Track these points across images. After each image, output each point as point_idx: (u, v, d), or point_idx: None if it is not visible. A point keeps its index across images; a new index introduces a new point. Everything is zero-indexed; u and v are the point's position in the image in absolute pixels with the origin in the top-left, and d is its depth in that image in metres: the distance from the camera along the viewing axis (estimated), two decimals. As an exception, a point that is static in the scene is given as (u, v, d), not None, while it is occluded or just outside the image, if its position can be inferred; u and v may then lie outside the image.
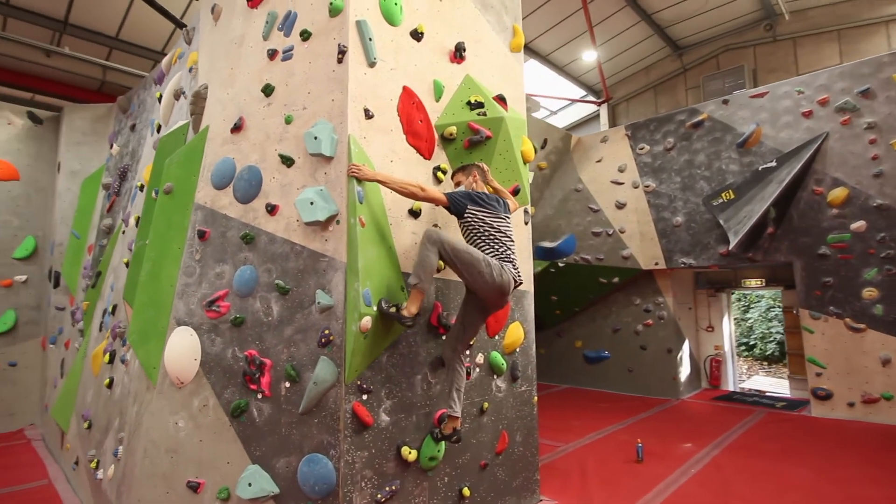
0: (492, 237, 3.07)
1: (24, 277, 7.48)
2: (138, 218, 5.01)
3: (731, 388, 9.24)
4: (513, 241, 3.19)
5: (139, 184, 5.35)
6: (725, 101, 7.66)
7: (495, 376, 3.91)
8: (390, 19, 3.41)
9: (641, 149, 8.53)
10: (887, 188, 6.33)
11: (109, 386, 4.38)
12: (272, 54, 3.54)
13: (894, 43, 8.17)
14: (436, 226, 3.52)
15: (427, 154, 3.58)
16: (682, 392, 8.56)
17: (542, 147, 8.86)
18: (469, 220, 3.10)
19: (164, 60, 5.71)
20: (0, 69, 7.99)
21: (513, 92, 4.39)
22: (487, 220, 3.09)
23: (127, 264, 4.97)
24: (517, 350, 4.14)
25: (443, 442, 3.27)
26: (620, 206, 8.68)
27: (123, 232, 5.62)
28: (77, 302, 6.74)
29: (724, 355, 9.32)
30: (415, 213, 3.42)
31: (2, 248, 7.33)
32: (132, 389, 3.88)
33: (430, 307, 3.45)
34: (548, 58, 10.19)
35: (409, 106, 3.47)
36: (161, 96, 5.58)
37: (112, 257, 5.78)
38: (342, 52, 3.16)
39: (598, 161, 9.01)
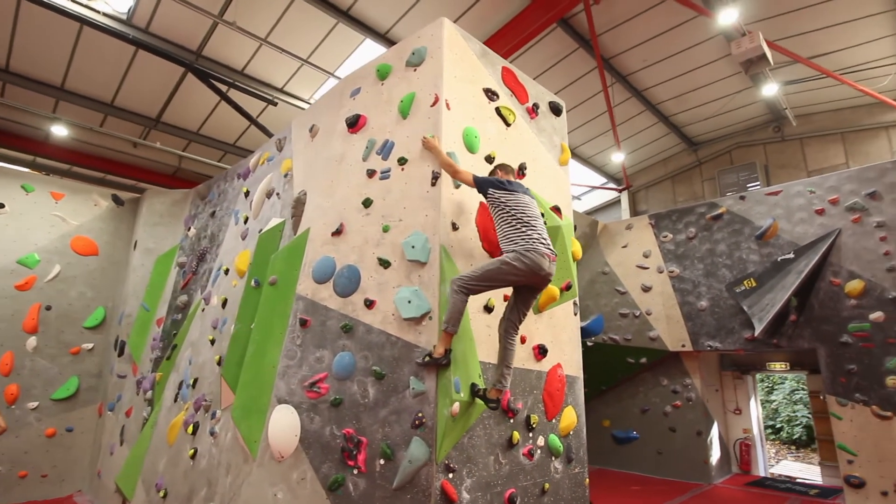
0: (515, 218, 3.44)
1: (90, 345, 8.02)
2: (225, 299, 5.64)
3: (761, 472, 9.23)
4: (537, 218, 3.49)
5: (224, 268, 6.02)
6: (742, 197, 8.37)
7: (553, 458, 4.27)
8: (471, 148, 4.16)
9: (665, 237, 9.17)
10: (901, 282, 6.81)
11: (193, 457, 4.78)
12: (371, 173, 4.28)
13: None
14: (502, 318, 4.02)
15: (498, 258, 4.19)
16: (713, 477, 8.60)
17: (571, 233, 9.55)
18: (492, 200, 3.55)
19: (252, 160, 6.57)
20: (93, 157, 9.07)
21: (561, 199, 5.08)
22: (509, 202, 3.48)
23: (212, 341, 5.52)
24: (571, 433, 4.52)
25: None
26: (646, 289, 9.19)
27: (203, 310, 6.22)
28: (142, 371, 7.23)
29: (753, 439, 9.39)
30: (488, 309, 3.98)
31: (75, 318, 7.95)
32: (224, 461, 4.29)
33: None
34: (575, 151, 11.18)
35: (485, 218, 4.13)
36: (248, 191, 6.39)
37: (189, 332, 6.35)
38: (436, 178, 3.87)
39: (624, 246, 9.64)
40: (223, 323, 5.47)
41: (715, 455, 8.85)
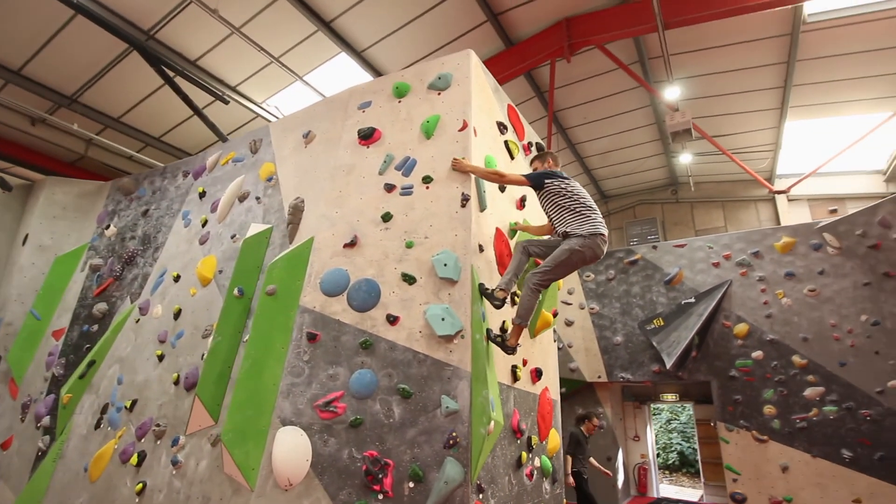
0: (577, 203, 3.78)
1: (-55, 360, 6.42)
2: (179, 309, 5.00)
3: (655, 494, 10.28)
4: (588, 198, 3.83)
5: (174, 274, 5.34)
6: (655, 247, 9.60)
7: (545, 479, 4.43)
8: (490, 175, 4.34)
9: (588, 276, 10.09)
10: (776, 326, 8.29)
11: (141, 492, 4.07)
12: (390, 188, 4.22)
13: (762, 216, 11.08)
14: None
15: (508, 282, 4.35)
16: (619, 500, 9.37)
17: (506, 266, 10.07)
18: (549, 190, 3.87)
19: (210, 158, 6.01)
20: (-29, 130, 7.43)
21: (544, 232, 5.45)
22: (568, 188, 3.84)
23: (160, 357, 4.83)
24: (555, 454, 4.73)
25: None
26: (569, 323, 9.95)
27: (137, 321, 5.41)
28: (28, 393, 6.00)
29: (649, 463, 10.46)
30: (503, 331, 4.10)
31: (-71, 325, 6.34)
32: (197, 494, 3.74)
33: (510, 413, 4.01)
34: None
35: (501, 243, 4.30)
36: (203, 191, 5.82)
37: (114, 347, 5.45)
38: (465, 199, 3.96)
39: (551, 283, 10.38)
40: (178, 336, 4.82)
41: (621, 479, 9.67)
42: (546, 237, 4.35)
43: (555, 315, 5.00)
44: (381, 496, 3.32)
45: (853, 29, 6.83)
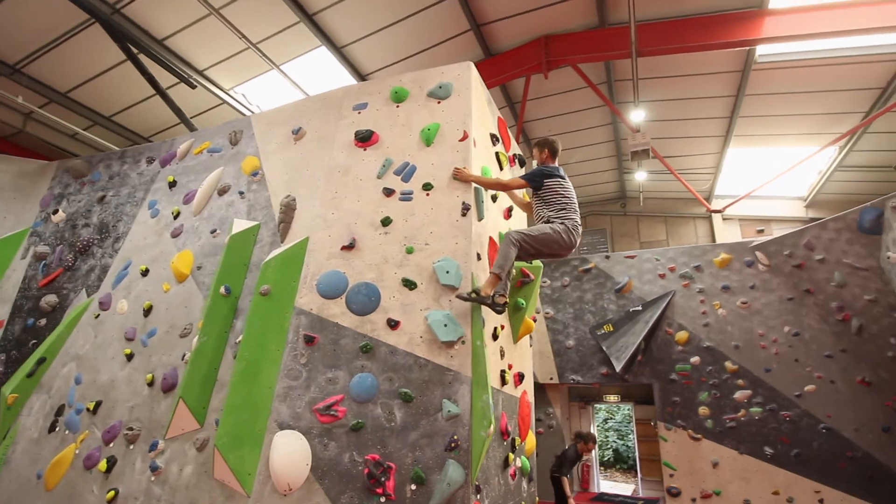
0: (562, 200, 4.03)
1: None
2: (150, 306, 4.73)
3: (596, 490, 10.89)
4: (575, 200, 4.12)
5: (142, 267, 5.05)
6: (607, 257, 10.18)
7: (524, 478, 4.63)
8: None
9: (544, 282, 10.51)
10: (712, 334, 9.08)
11: (112, 500, 3.84)
12: (389, 192, 4.25)
13: (699, 232, 12.05)
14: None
15: (498, 289, 4.51)
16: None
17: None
18: (545, 190, 4.07)
19: (182, 146, 5.71)
20: None
21: (523, 241, 5.68)
22: (557, 188, 4.08)
23: (128, 356, 4.55)
24: (531, 455, 4.95)
25: None
26: (525, 326, 10.32)
27: (97, 316, 5.06)
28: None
29: (591, 460, 11.07)
30: (495, 336, 4.26)
31: None
32: (182, 501, 3.59)
33: (499, 416, 4.18)
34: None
35: (494, 252, 4.46)
36: (174, 180, 5.54)
37: (69, 343, 5.05)
38: (466, 209, 4.08)
39: (509, 287, 10.71)
40: (150, 334, 4.57)
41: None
42: None
43: (534, 320, 5.21)
44: (383, 499, 3.36)
45: (794, 72, 7.67)
